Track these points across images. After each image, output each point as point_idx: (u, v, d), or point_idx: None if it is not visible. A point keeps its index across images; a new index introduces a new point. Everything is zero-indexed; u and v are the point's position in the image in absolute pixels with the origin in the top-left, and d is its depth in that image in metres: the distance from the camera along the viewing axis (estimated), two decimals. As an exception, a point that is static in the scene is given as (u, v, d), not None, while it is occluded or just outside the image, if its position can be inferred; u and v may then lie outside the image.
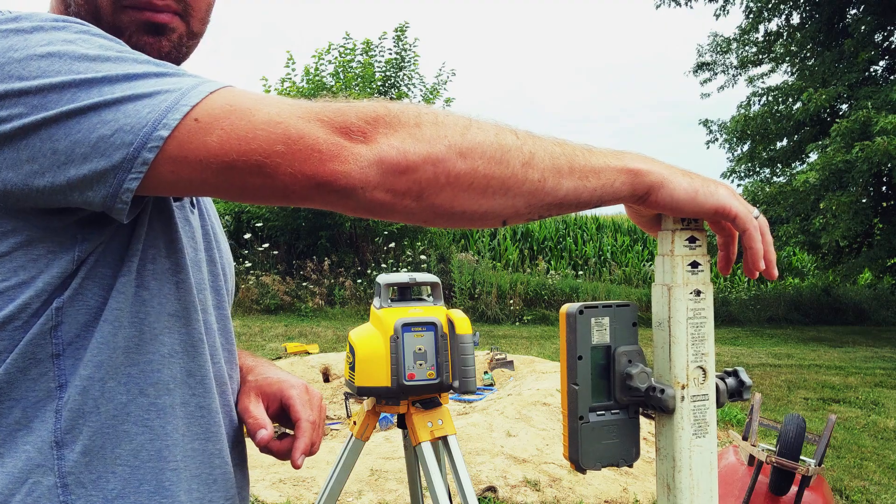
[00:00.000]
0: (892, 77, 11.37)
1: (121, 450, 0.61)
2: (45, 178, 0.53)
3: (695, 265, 0.65)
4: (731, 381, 0.66)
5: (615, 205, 0.64)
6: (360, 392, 1.67)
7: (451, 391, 1.66)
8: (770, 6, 12.17)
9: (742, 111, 12.53)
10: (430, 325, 1.64)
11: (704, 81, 13.98)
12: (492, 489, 3.12)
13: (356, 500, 2.97)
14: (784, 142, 12.51)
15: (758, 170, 12.97)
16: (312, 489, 3.08)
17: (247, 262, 10.62)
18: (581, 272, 13.83)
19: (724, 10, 12.66)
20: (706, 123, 13.27)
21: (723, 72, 13.68)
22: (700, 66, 13.83)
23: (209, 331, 0.70)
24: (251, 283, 10.08)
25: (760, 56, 13.08)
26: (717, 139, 13.22)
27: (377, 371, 1.62)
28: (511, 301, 11.00)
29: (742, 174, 13.11)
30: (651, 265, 14.36)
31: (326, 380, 5.70)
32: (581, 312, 0.65)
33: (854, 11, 11.56)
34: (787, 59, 12.81)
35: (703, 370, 0.64)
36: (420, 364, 1.63)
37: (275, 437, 0.77)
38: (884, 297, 12.97)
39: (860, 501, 3.54)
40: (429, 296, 1.77)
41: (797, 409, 5.35)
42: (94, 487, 0.60)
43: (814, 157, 10.63)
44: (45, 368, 0.59)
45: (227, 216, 11.46)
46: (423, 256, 11.28)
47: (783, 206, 10.60)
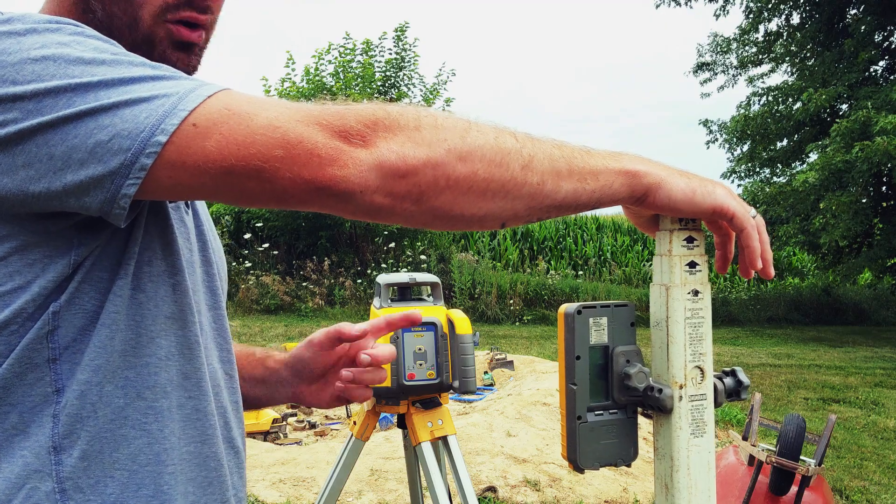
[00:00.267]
0: (893, 77, 11.37)
1: (119, 454, 0.60)
2: (41, 184, 0.53)
3: (693, 265, 0.65)
4: (729, 381, 0.67)
5: (613, 206, 0.64)
6: (360, 392, 1.67)
7: (451, 391, 1.66)
8: (770, 6, 12.17)
9: (742, 111, 12.54)
10: (430, 325, 1.64)
11: (704, 81, 13.99)
12: (492, 489, 3.12)
13: (356, 500, 2.97)
14: (784, 142, 12.51)
15: (758, 170, 12.97)
16: (312, 489, 3.08)
17: (247, 262, 10.61)
18: (581, 272, 13.83)
19: (724, 10, 12.67)
20: (706, 123, 13.27)
21: (723, 72, 13.69)
22: (700, 66, 13.83)
23: (203, 332, 0.70)
24: (251, 283, 10.08)
25: (760, 56, 13.09)
26: (717, 139, 13.23)
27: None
28: (511, 301, 11.00)
29: (742, 174, 13.11)
30: (651, 265, 14.36)
31: (326, 380, 5.69)
32: (579, 312, 0.66)
33: (854, 11, 11.56)
34: (787, 59, 12.81)
35: (701, 370, 0.64)
36: (420, 364, 1.63)
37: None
38: (884, 297, 12.97)
39: (860, 501, 3.54)
40: (429, 296, 1.77)
41: (797, 409, 5.35)
42: (93, 492, 0.59)
43: (814, 157, 10.63)
44: (42, 373, 0.58)
45: (227, 216, 11.46)
46: (423, 256, 11.28)
47: (783, 206, 10.60)
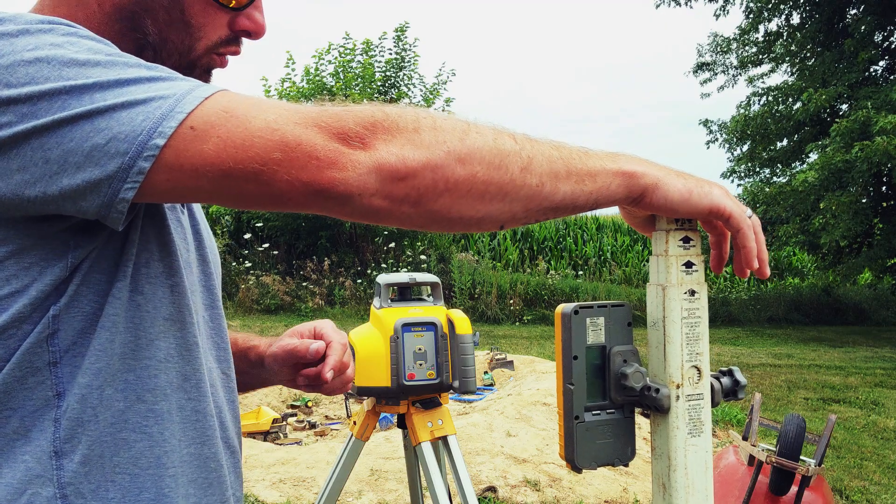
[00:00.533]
0: (893, 77, 11.37)
1: (120, 458, 0.60)
2: (37, 188, 0.52)
3: (689, 265, 0.66)
4: (726, 381, 0.67)
5: (611, 206, 0.64)
6: (360, 392, 1.68)
7: (451, 391, 1.66)
8: (770, 6, 12.16)
9: (742, 111, 12.54)
10: (430, 325, 1.64)
11: (704, 81, 13.99)
12: (492, 489, 3.12)
13: (356, 500, 2.97)
14: (784, 142, 12.51)
15: (758, 170, 12.98)
16: (312, 489, 3.08)
17: (247, 262, 10.61)
18: (581, 272, 13.83)
19: (724, 10, 12.67)
20: (706, 123, 13.27)
21: (723, 72, 13.68)
22: (700, 66, 13.83)
23: (200, 332, 0.70)
24: (251, 283, 10.08)
25: (760, 56, 13.08)
26: (717, 139, 13.23)
27: (377, 371, 1.63)
28: (511, 301, 11.00)
29: (742, 174, 13.11)
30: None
31: (327, 380, 5.70)
32: (576, 312, 0.66)
33: (854, 11, 11.56)
34: (787, 59, 12.81)
35: (698, 369, 0.65)
36: (420, 364, 1.63)
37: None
38: (884, 297, 12.96)
39: (860, 501, 3.54)
40: (429, 296, 1.77)
41: (797, 409, 5.35)
42: (94, 497, 0.59)
43: (814, 157, 10.63)
44: (43, 377, 0.57)
45: (227, 216, 11.46)
46: (423, 256, 11.28)
47: (783, 206, 10.60)
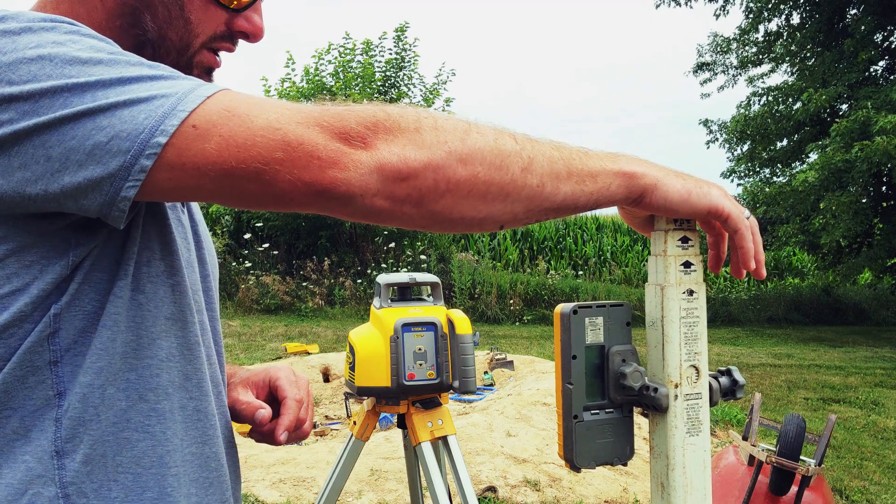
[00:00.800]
0: (893, 77, 11.37)
1: (122, 457, 0.60)
2: (38, 186, 0.52)
3: (687, 265, 0.66)
4: (725, 380, 0.67)
5: (610, 207, 0.64)
6: (360, 392, 1.68)
7: (451, 391, 1.67)
8: (770, 6, 12.17)
9: (742, 111, 12.54)
10: (430, 325, 1.64)
11: (704, 81, 14.00)
12: (492, 489, 3.12)
13: (356, 500, 2.98)
14: (784, 142, 12.52)
15: (758, 170, 12.98)
16: (312, 489, 3.08)
17: (247, 262, 10.62)
18: (581, 272, 13.84)
19: (724, 10, 12.67)
20: (706, 123, 13.28)
21: (723, 72, 13.69)
22: (700, 66, 13.84)
23: (204, 332, 0.69)
24: (251, 283, 10.09)
25: (760, 56, 13.09)
26: (717, 139, 13.24)
27: (377, 371, 1.63)
28: (511, 301, 11.00)
29: (742, 174, 13.12)
30: (651, 265, 14.34)
31: (326, 380, 5.70)
32: (575, 312, 0.66)
33: (854, 11, 11.56)
34: (787, 59, 12.81)
35: (697, 369, 0.65)
36: (420, 364, 1.63)
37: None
38: (884, 297, 12.96)
39: (860, 501, 3.54)
40: (429, 296, 1.77)
41: (797, 409, 5.35)
42: (97, 497, 0.58)
43: (814, 158, 10.64)
44: (43, 376, 0.57)
45: (227, 216, 11.47)
46: (423, 256, 11.29)
47: (783, 206, 10.60)
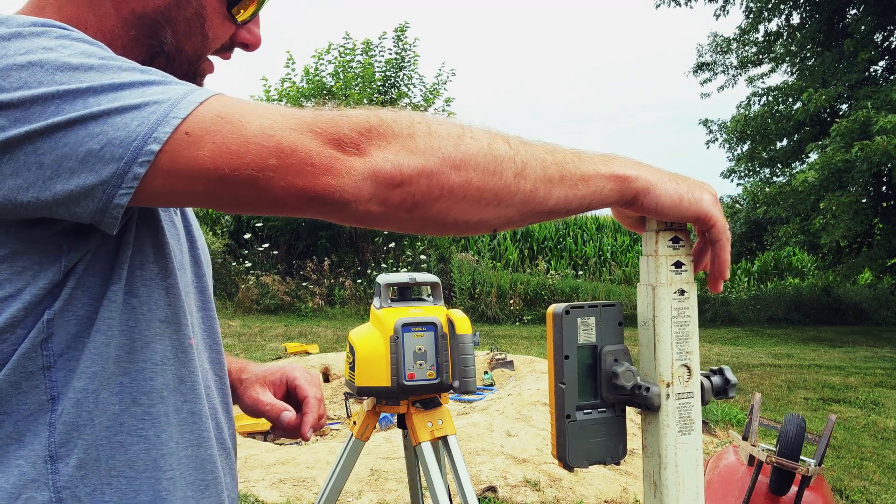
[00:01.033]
0: (893, 77, 11.37)
1: (116, 461, 0.60)
2: (30, 193, 0.52)
3: (678, 265, 0.67)
4: (717, 380, 0.68)
5: (603, 208, 0.65)
6: (360, 392, 1.68)
7: (451, 391, 1.67)
8: (770, 6, 12.16)
9: (742, 111, 12.54)
10: (430, 325, 1.64)
11: (704, 81, 13.99)
12: (492, 489, 3.13)
13: (356, 500, 2.98)
14: (784, 142, 12.51)
15: (758, 170, 12.98)
16: (312, 489, 3.09)
17: (247, 262, 10.63)
18: (581, 272, 13.84)
19: (724, 10, 12.67)
20: (706, 123, 13.28)
21: (723, 72, 13.68)
22: (700, 66, 13.83)
23: (195, 334, 0.69)
24: (251, 283, 10.10)
25: (760, 56, 13.08)
26: (717, 139, 13.24)
27: (377, 371, 1.63)
28: (511, 301, 11.01)
29: (742, 174, 13.11)
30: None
31: (326, 380, 5.71)
32: (567, 312, 0.67)
33: (854, 11, 11.56)
34: (787, 59, 12.81)
35: (688, 368, 0.65)
36: (420, 364, 1.63)
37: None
38: (884, 297, 12.95)
39: (860, 501, 3.54)
40: (429, 296, 1.78)
41: (797, 409, 5.35)
42: (90, 501, 0.59)
43: (814, 158, 10.63)
44: (37, 381, 0.57)
45: (227, 216, 11.47)
46: (423, 256, 11.29)
47: (783, 206, 10.59)
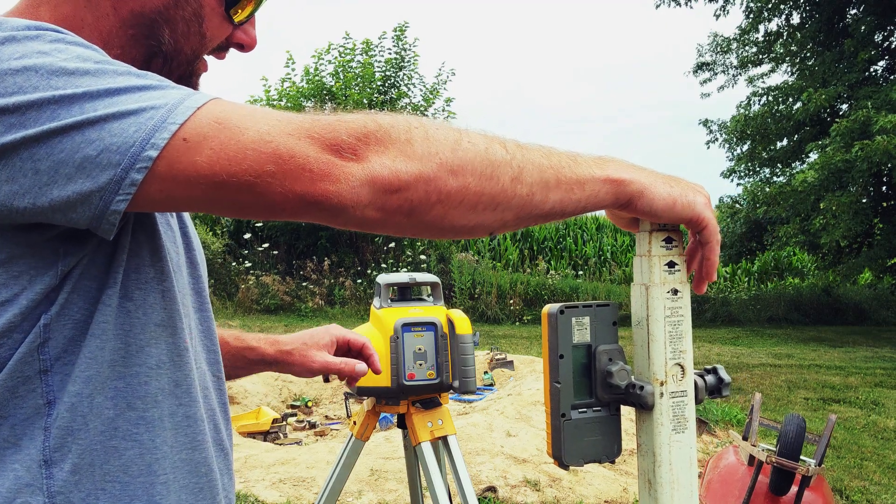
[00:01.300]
0: (893, 77, 11.37)
1: (110, 466, 0.59)
2: (26, 199, 0.51)
3: (671, 265, 0.67)
4: (711, 379, 0.68)
5: (598, 211, 0.66)
6: (360, 392, 1.68)
7: (451, 391, 1.67)
8: (770, 6, 12.17)
9: (742, 111, 12.54)
10: (430, 325, 1.65)
11: (704, 81, 14.00)
12: (492, 489, 3.13)
13: (356, 500, 2.99)
14: (784, 142, 12.52)
15: (758, 170, 12.98)
16: (312, 489, 3.09)
17: (247, 262, 10.63)
18: (581, 272, 13.85)
19: (724, 10, 12.68)
20: (706, 123, 13.28)
21: (723, 72, 13.69)
22: (700, 66, 13.84)
23: (191, 336, 0.69)
24: (251, 283, 10.10)
25: (760, 56, 13.09)
26: (717, 139, 13.24)
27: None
28: (511, 301, 11.01)
29: (742, 174, 13.12)
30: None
31: (326, 380, 5.68)
32: (562, 312, 0.67)
33: (854, 11, 11.56)
34: (787, 59, 12.81)
35: (682, 367, 0.66)
36: (420, 364, 1.63)
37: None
38: (884, 297, 12.95)
39: (860, 501, 3.54)
40: (429, 296, 1.78)
41: (797, 409, 5.36)
42: None
43: (814, 157, 10.64)
44: (33, 385, 0.57)
45: (228, 217, 11.48)
46: (423, 256, 11.30)
47: (783, 206, 10.60)
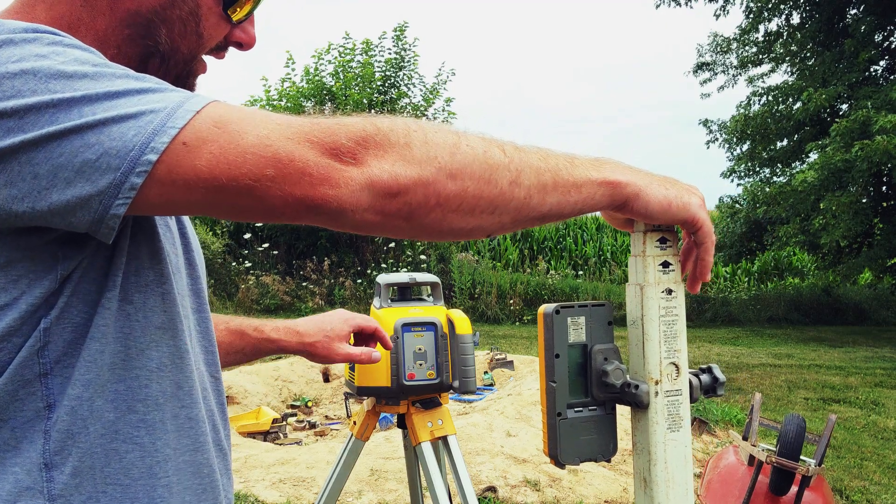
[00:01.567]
0: (893, 77, 11.38)
1: (111, 469, 0.60)
2: (25, 204, 0.51)
3: (666, 265, 0.68)
4: (706, 378, 0.69)
5: (594, 212, 0.67)
6: (360, 392, 1.69)
7: (451, 391, 1.67)
8: (770, 6, 12.17)
9: (742, 111, 12.54)
10: (430, 325, 1.65)
11: (704, 81, 14.00)
12: (492, 489, 3.14)
13: (356, 500, 2.99)
14: (784, 142, 12.52)
15: (758, 170, 12.98)
16: (312, 489, 3.10)
17: (247, 262, 10.63)
18: (581, 272, 13.85)
19: (724, 10, 12.68)
20: (706, 123, 13.28)
21: (723, 72, 13.69)
22: (700, 66, 13.84)
23: (191, 338, 0.70)
24: (251, 283, 10.11)
25: (760, 56, 13.09)
26: (717, 139, 13.24)
27: (377, 371, 1.63)
28: (511, 301, 11.02)
29: (742, 174, 13.12)
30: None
31: (326, 380, 5.72)
32: (557, 312, 0.68)
33: (854, 11, 11.56)
34: (787, 59, 12.81)
35: (676, 366, 0.67)
36: (420, 364, 1.64)
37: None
38: (884, 297, 12.95)
39: (860, 501, 3.55)
40: (429, 296, 1.78)
41: (797, 409, 5.36)
42: None
43: (814, 157, 10.64)
44: (33, 388, 0.57)
45: (228, 217, 11.47)
46: (423, 256, 11.30)
47: (783, 207, 10.60)
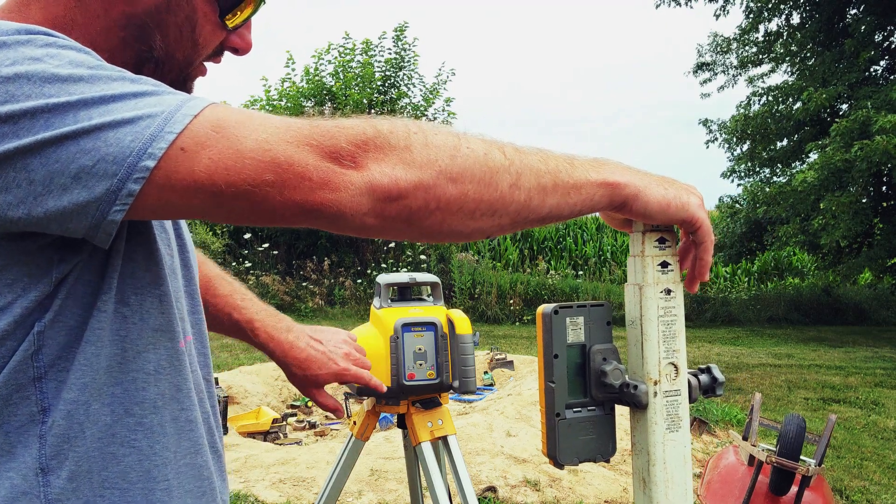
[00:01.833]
0: (893, 77, 11.37)
1: (108, 473, 0.59)
2: (21, 210, 0.51)
3: (665, 265, 0.68)
4: (705, 378, 0.69)
5: (593, 213, 0.67)
6: (360, 392, 1.69)
7: (451, 391, 1.67)
8: (770, 6, 12.17)
9: (742, 111, 12.54)
10: (430, 325, 1.65)
11: (704, 81, 13.99)
12: (492, 489, 3.14)
13: (356, 500, 2.99)
14: (784, 142, 12.52)
15: (758, 170, 12.98)
16: (312, 489, 3.10)
17: (247, 262, 10.64)
18: (581, 272, 13.85)
19: (724, 10, 12.67)
20: (706, 123, 13.28)
21: (723, 72, 13.68)
22: (700, 66, 13.83)
23: (186, 339, 0.69)
24: (251, 283, 10.11)
25: (760, 56, 13.08)
26: (717, 139, 13.24)
27: (377, 371, 1.63)
28: (511, 301, 11.02)
29: (742, 174, 13.12)
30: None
31: (327, 380, 5.71)
32: (556, 312, 0.68)
33: (854, 11, 11.56)
34: (787, 59, 12.81)
35: (675, 366, 0.67)
36: (420, 364, 1.64)
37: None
38: (884, 297, 12.95)
39: (860, 501, 3.54)
40: (429, 296, 1.78)
41: (797, 409, 5.36)
42: None
43: (814, 157, 10.64)
44: (28, 392, 0.56)
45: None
46: (423, 256, 11.30)
47: (783, 206, 10.60)
